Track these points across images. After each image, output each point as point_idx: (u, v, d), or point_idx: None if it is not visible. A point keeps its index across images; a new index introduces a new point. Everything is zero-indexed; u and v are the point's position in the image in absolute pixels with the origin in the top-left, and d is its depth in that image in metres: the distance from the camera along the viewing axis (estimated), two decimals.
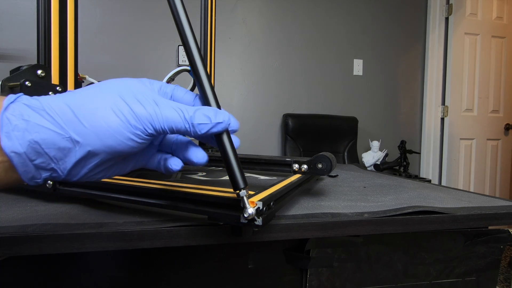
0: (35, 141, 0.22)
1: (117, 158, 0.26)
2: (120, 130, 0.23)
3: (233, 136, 0.29)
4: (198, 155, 0.29)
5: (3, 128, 0.21)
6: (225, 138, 0.28)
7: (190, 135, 0.27)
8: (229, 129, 0.28)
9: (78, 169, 0.24)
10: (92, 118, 0.23)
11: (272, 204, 0.32)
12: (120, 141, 0.24)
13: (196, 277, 0.38)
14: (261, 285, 0.40)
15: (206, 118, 0.26)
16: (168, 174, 0.31)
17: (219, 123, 0.26)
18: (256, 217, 0.28)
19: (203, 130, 0.26)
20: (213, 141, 0.29)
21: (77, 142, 0.23)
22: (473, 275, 0.48)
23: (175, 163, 0.29)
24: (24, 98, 0.23)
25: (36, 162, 0.22)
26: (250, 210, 0.27)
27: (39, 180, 0.24)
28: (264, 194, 0.32)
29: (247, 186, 0.28)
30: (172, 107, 0.25)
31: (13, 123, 0.21)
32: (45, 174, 0.23)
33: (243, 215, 0.28)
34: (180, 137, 0.31)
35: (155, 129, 0.25)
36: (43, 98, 0.23)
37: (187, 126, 0.25)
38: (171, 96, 0.29)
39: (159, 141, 0.31)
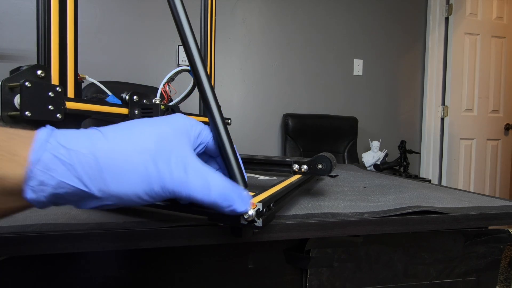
0: (59, 195, 0.22)
1: None
2: (141, 194, 0.23)
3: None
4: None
5: (29, 182, 0.21)
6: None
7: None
8: (235, 210, 0.27)
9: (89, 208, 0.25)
10: (117, 179, 0.22)
11: (272, 205, 0.32)
12: (137, 202, 0.24)
13: (196, 277, 0.38)
14: (261, 285, 0.40)
15: (229, 201, 0.25)
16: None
17: (237, 210, 0.26)
18: (256, 219, 0.28)
19: (220, 210, 0.26)
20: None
21: (99, 198, 0.23)
22: (473, 275, 0.48)
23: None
24: (52, 144, 0.21)
25: (53, 202, 0.23)
26: (250, 211, 0.27)
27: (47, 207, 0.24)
28: (264, 195, 0.32)
29: (247, 187, 0.28)
30: (200, 177, 0.24)
31: (39, 178, 0.21)
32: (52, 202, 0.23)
33: (243, 217, 0.28)
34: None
35: (172, 195, 0.24)
36: (72, 143, 0.22)
37: (206, 202, 0.25)
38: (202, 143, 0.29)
39: None
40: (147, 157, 0.23)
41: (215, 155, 0.32)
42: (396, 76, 2.42)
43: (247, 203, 0.27)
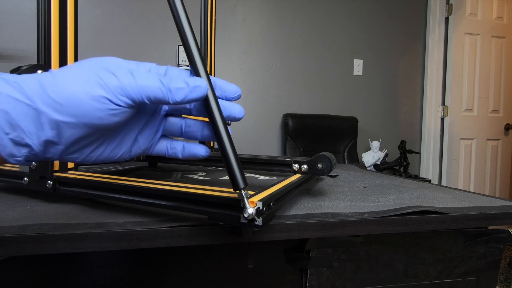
0: (5, 112, 0.22)
1: (100, 133, 0.26)
2: (85, 100, 0.23)
3: (234, 104, 0.29)
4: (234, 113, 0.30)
5: None
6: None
7: (168, 104, 0.26)
8: (232, 116, 0.29)
9: (54, 145, 0.24)
10: (59, 90, 0.23)
11: (272, 204, 0.32)
12: (87, 111, 0.24)
13: (196, 277, 0.38)
14: (261, 285, 0.40)
15: (183, 82, 0.26)
16: (192, 158, 0.31)
17: (196, 86, 0.26)
18: (256, 217, 0.28)
19: (180, 95, 0.26)
20: (199, 114, 0.30)
21: (44, 112, 0.23)
22: (473, 275, 0.48)
23: (200, 150, 0.30)
24: (4, 74, 0.23)
25: (11, 136, 0.23)
26: (250, 210, 0.27)
27: (19, 158, 0.24)
28: (264, 194, 0.32)
29: (247, 186, 0.28)
30: (149, 76, 0.25)
31: None
32: (23, 151, 0.24)
33: (243, 215, 0.28)
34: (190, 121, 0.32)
35: (130, 98, 0.24)
36: (21, 75, 0.24)
37: (164, 91, 0.25)
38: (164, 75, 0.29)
39: (157, 121, 0.31)
40: (88, 70, 0.24)
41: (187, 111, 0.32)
42: (396, 76, 2.42)
43: (201, 79, 0.27)
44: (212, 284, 0.39)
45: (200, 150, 0.31)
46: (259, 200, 0.29)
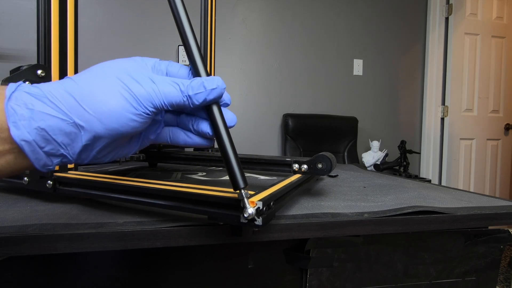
0: (41, 128, 0.22)
1: (122, 139, 0.27)
2: (121, 113, 0.24)
3: (228, 111, 0.30)
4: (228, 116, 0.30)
5: (10, 118, 0.21)
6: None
7: (188, 108, 0.27)
8: (222, 102, 0.29)
9: (87, 152, 0.25)
10: (93, 103, 0.23)
11: (272, 204, 0.32)
12: (123, 122, 0.24)
13: (196, 277, 0.38)
14: (261, 285, 0.40)
15: (201, 86, 0.26)
16: (200, 143, 0.31)
17: (213, 89, 0.27)
18: (256, 217, 0.28)
19: (200, 99, 0.26)
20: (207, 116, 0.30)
21: (82, 127, 0.23)
22: (473, 275, 0.48)
23: (206, 126, 0.30)
24: (25, 87, 0.23)
25: (46, 149, 0.23)
26: (250, 210, 0.27)
27: (50, 167, 0.24)
28: (264, 194, 0.32)
29: (247, 186, 0.28)
30: (168, 82, 0.26)
31: (19, 112, 0.22)
32: (56, 160, 0.24)
33: (243, 215, 0.28)
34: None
35: (155, 107, 0.25)
36: (43, 85, 0.24)
37: (184, 98, 0.26)
38: (166, 73, 0.29)
39: (162, 116, 0.31)
40: (114, 79, 0.25)
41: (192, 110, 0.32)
42: (396, 76, 2.42)
43: (216, 78, 0.27)
44: (212, 284, 0.39)
45: (207, 128, 0.30)
46: (259, 200, 0.29)
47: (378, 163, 2.02)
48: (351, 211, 0.41)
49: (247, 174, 0.53)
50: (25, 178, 0.42)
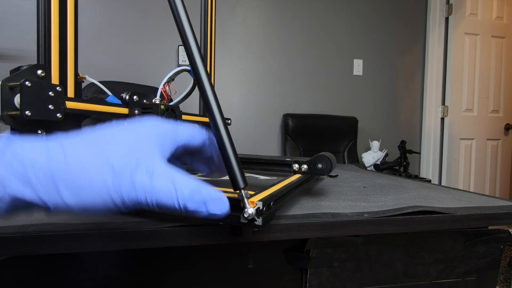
0: (18, 205, 0.22)
1: None
2: (101, 207, 0.22)
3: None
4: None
5: None
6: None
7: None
8: (211, 212, 0.25)
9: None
10: (74, 195, 0.22)
11: (272, 204, 0.32)
12: (102, 210, 0.23)
13: (196, 277, 0.38)
14: (261, 285, 0.40)
15: (203, 205, 0.24)
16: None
17: (215, 214, 0.24)
18: (256, 217, 0.28)
19: (196, 215, 0.24)
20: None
21: (48, 202, 0.22)
22: (473, 275, 0.48)
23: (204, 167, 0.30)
24: (7, 158, 0.21)
25: (17, 209, 0.22)
26: (250, 210, 0.27)
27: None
28: (264, 194, 0.32)
29: (247, 186, 0.28)
30: (166, 183, 0.23)
31: None
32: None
33: (243, 215, 0.28)
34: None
35: (138, 204, 0.23)
36: (29, 155, 0.21)
37: (177, 207, 0.23)
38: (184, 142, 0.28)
39: None
40: (105, 169, 0.22)
41: (197, 151, 0.32)
42: (396, 76, 2.42)
43: (224, 203, 0.25)
44: (212, 284, 0.39)
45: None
46: (259, 200, 0.29)
47: (378, 163, 2.02)
48: (351, 211, 0.41)
49: (247, 174, 0.53)
50: None
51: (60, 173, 0.21)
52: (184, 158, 0.35)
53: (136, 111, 0.50)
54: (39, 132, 0.36)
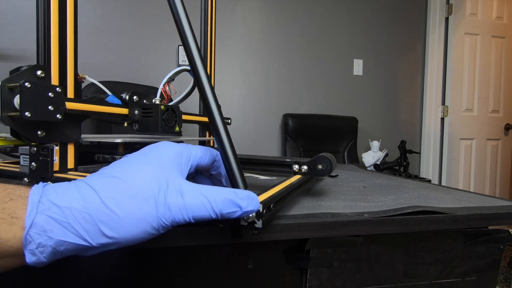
0: (59, 252, 0.22)
1: None
2: (142, 235, 0.24)
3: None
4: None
5: (27, 246, 0.21)
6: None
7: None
8: (246, 210, 0.27)
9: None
10: (115, 230, 0.23)
11: (272, 206, 0.32)
12: (142, 239, 0.24)
13: (196, 277, 0.38)
14: (261, 285, 0.40)
15: (235, 206, 0.25)
16: None
17: (248, 210, 0.26)
18: (256, 220, 0.28)
19: (232, 216, 0.26)
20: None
21: (97, 247, 0.23)
22: (473, 275, 0.48)
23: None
24: (46, 206, 0.22)
25: (56, 258, 0.23)
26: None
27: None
28: (264, 196, 0.32)
29: (247, 188, 0.28)
30: (198, 197, 0.25)
31: (37, 241, 0.21)
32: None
33: (243, 218, 0.28)
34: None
35: (176, 223, 0.25)
36: (64, 199, 0.22)
37: (213, 216, 0.25)
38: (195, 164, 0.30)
39: None
40: (139, 201, 0.23)
41: (206, 170, 0.34)
42: (396, 76, 2.42)
43: (255, 200, 0.26)
44: (212, 284, 0.39)
45: None
46: (259, 203, 0.29)
47: (378, 163, 2.02)
48: (351, 211, 0.41)
49: (247, 174, 0.53)
50: (25, 179, 0.42)
51: (99, 214, 0.22)
52: (190, 174, 0.37)
53: (136, 111, 0.50)
54: (39, 133, 0.36)
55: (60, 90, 0.35)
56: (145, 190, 0.24)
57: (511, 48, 2.56)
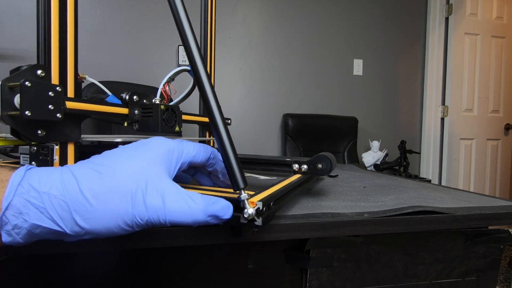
0: (34, 234, 0.23)
1: None
2: (116, 230, 0.24)
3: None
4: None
5: (3, 227, 0.22)
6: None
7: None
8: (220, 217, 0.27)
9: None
10: (89, 221, 0.23)
11: (272, 205, 0.32)
12: (115, 233, 0.24)
13: (196, 277, 0.38)
14: (261, 285, 0.40)
15: (214, 218, 0.26)
16: None
17: (225, 219, 0.27)
18: (256, 217, 0.28)
19: (208, 224, 0.26)
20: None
21: (73, 235, 0.23)
22: (473, 275, 0.48)
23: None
24: (25, 189, 0.22)
25: (32, 240, 0.23)
26: (250, 210, 0.27)
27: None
28: (264, 194, 0.32)
29: (247, 186, 0.28)
30: (179, 202, 0.25)
31: (13, 222, 0.22)
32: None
33: (243, 216, 0.28)
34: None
35: (151, 224, 0.25)
36: (45, 184, 0.23)
37: (190, 223, 0.26)
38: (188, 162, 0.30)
39: None
40: (116, 195, 0.23)
41: (201, 166, 0.34)
42: (396, 76, 2.42)
43: (230, 209, 0.27)
44: (212, 284, 0.39)
45: None
46: (259, 201, 0.29)
47: (378, 163, 2.02)
48: (351, 211, 0.41)
49: (247, 174, 0.53)
50: None
51: (75, 203, 0.23)
52: (189, 170, 0.37)
53: (136, 111, 0.50)
54: (39, 132, 0.36)
55: (60, 90, 0.35)
56: (124, 185, 0.24)
57: (511, 48, 2.56)
